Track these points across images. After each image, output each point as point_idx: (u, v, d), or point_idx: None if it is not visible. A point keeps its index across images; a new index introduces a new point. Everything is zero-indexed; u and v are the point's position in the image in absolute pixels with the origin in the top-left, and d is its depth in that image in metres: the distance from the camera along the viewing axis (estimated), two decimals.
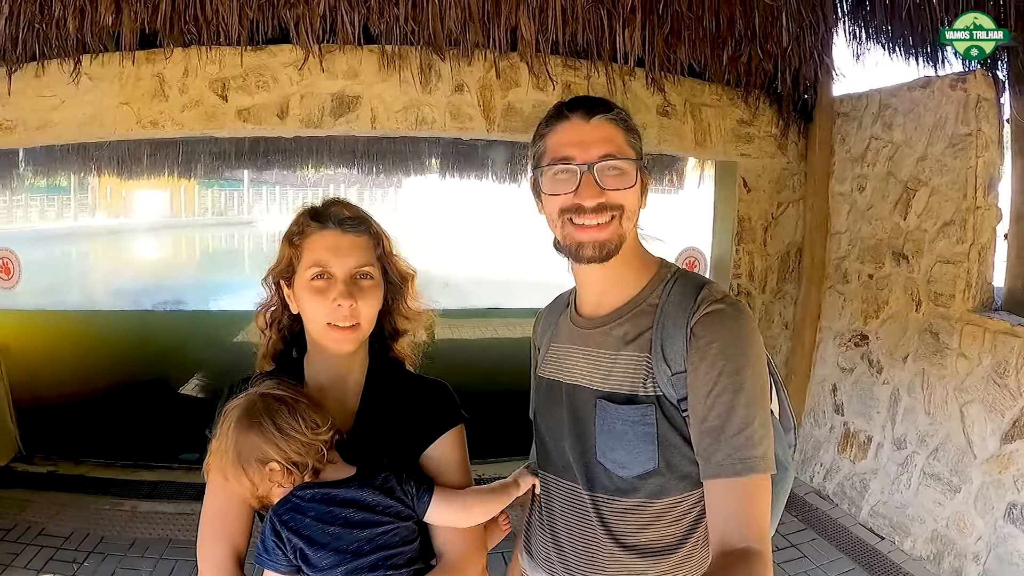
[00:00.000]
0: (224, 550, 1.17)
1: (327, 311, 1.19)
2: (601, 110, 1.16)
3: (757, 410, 1.06)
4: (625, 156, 1.14)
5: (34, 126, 3.55)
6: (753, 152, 4.25)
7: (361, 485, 1.14)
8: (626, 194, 1.14)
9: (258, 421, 1.11)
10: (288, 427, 1.10)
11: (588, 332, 1.22)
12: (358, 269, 1.22)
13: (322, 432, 1.12)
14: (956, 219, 3.25)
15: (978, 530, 3.01)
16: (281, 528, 1.10)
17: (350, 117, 3.74)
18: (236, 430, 1.11)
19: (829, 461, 4.01)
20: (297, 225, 1.25)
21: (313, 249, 1.22)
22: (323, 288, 1.19)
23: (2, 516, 3.47)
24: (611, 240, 1.14)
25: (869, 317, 3.82)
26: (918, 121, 3.47)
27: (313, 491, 1.11)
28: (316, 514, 1.10)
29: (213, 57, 3.56)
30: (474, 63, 3.77)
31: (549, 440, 1.28)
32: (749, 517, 1.03)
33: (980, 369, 3.09)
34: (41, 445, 4.25)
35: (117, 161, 6.54)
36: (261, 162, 7.08)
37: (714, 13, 3.84)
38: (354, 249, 1.22)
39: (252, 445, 1.10)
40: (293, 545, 1.09)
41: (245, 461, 1.10)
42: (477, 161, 7.40)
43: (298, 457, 1.10)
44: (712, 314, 1.10)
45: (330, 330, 1.20)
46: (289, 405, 1.13)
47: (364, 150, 7.11)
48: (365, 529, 1.11)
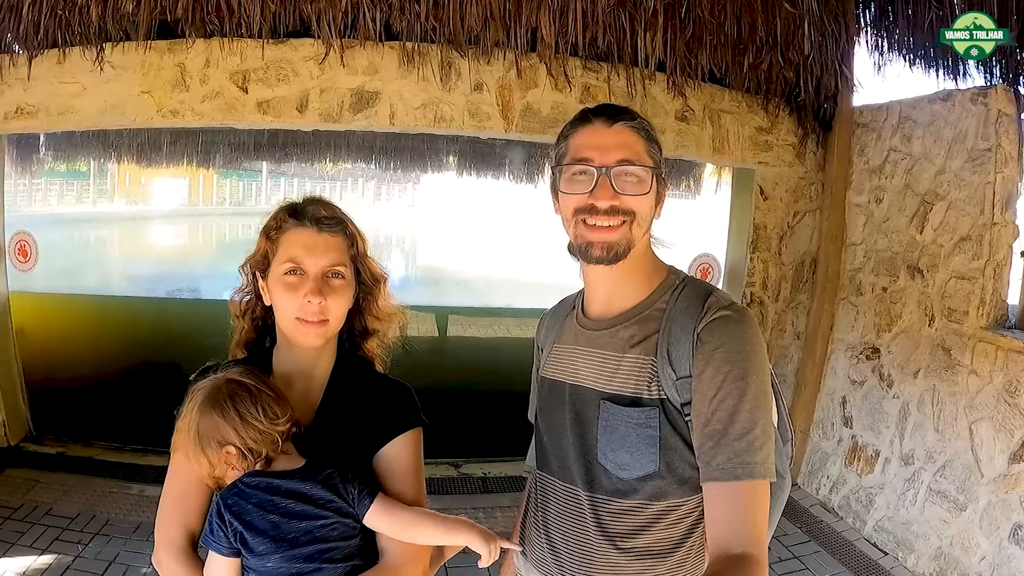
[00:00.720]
0: (178, 530, 1.21)
1: (297, 306, 1.22)
2: (624, 117, 1.18)
3: (760, 415, 1.07)
4: (642, 163, 1.16)
5: (55, 112, 3.60)
6: (771, 160, 4.24)
7: (305, 478, 1.16)
8: (640, 200, 1.15)
9: (220, 404, 1.15)
10: (248, 414, 1.14)
11: (594, 334, 1.23)
12: (330, 268, 1.25)
13: (280, 423, 1.16)
14: (972, 235, 3.21)
15: (982, 550, 2.97)
16: (225, 511, 1.13)
17: (369, 113, 3.77)
18: (199, 411, 1.15)
19: (836, 474, 3.98)
20: (275, 220, 1.29)
21: (288, 245, 1.25)
22: (295, 284, 1.23)
23: (10, 495, 3.51)
24: (620, 243, 1.15)
25: (882, 330, 3.79)
26: (937, 134, 3.44)
27: (258, 479, 1.15)
28: (258, 501, 1.13)
29: (234, 49, 3.60)
30: (493, 63, 3.79)
31: (549, 441, 1.29)
32: (747, 522, 1.04)
33: (991, 387, 3.05)
34: (52, 426, 4.30)
35: (136, 148, 6.59)
36: (279, 154, 7.12)
37: (736, 19, 3.83)
38: (328, 248, 1.25)
39: (212, 426, 1.14)
40: (234, 529, 1.12)
41: (204, 442, 1.14)
42: (494, 160, 7.40)
43: (254, 444, 1.14)
44: (719, 320, 1.11)
45: (299, 324, 1.23)
46: (252, 393, 1.16)
47: (382, 146, 7.13)
48: (304, 520, 1.13)
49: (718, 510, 1.06)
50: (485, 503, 3.95)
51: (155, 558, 1.24)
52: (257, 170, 19.17)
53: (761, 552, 1.03)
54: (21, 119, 3.62)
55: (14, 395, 4.17)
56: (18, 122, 3.65)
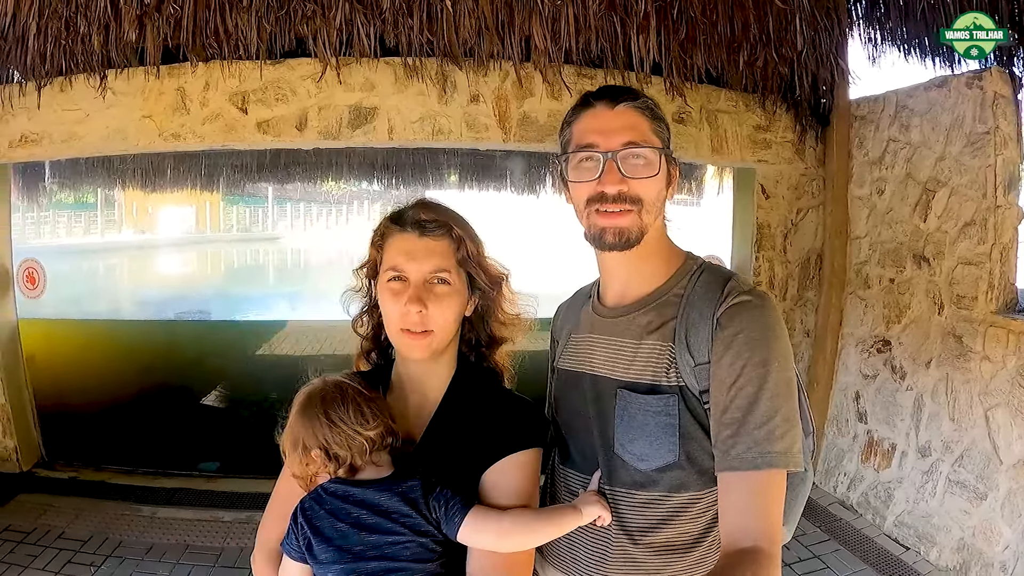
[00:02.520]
0: (275, 532, 1.19)
1: (399, 315, 1.18)
2: (626, 98, 1.16)
3: (781, 403, 1.04)
4: (649, 144, 1.13)
5: (59, 139, 3.67)
6: (770, 158, 4.22)
7: (381, 489, 1.11)
8: (647, 185, 1.13)
9: (312, 406, 1.13)
10: (337, 417, 1.11)
11: (611, 321, 1.21)
12: (434, 274, 1.19)
13: (369, 428, 1.11)
14: (977, 219, 3.18)
15: (1005, 538, 2.91)
16: (299, 515, 1.11)
17: (367, 128, 3.79)
18: (295, 411, 1.15)
19: (853, 470, 3.92)
20: (380, 227, 1.26)
21: (391, 252, 1.21)
22: (398, 291, 1.18)
23: (22, 519, 3.52)
24: (631, 228, 1.13)
25: (891, 322, 3.75)
26: (935, 121, 3.42)
27: (337, 486, 1.11)
28: (331, 508, 1.10)
29: (233, 71, 3.64)
30: (489, 73, 3.81)
31: (567, 434, 1.27)
32: (761, 514, 1.01)
33: (1005, 372, 3.01)
34: (63, 452, 4.32)
35: (141, 174, 6.69)
36: (282, 175, 7.20)
37: (728, 18, 3.83)
38: (430, 253, 1.19)
39: (302, 428, 1.12)
40: (304, 534, 1.10)
41: (294, 442, 1.13)
42: (495, 172, 7.44)
43: (339, 449, 1.10)
44: (739, 305, 1.08)
45: (403, 335, 1.19)
46: (347, 396, 1.13)
47: (384, 162, 7.17)
48: (374, 534, 1.08)
49: (732, 501, 1.03)
50: None
51: (252, 557, 1.24)
52: (263, 195, 19.33)
53: (772, 546, 1.00)
54: (26, 147, 3.69)
55: (25, 421, 4.19)
56: (23, 150, 3.71)
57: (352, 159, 6.94)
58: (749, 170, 4.32)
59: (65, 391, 4.40)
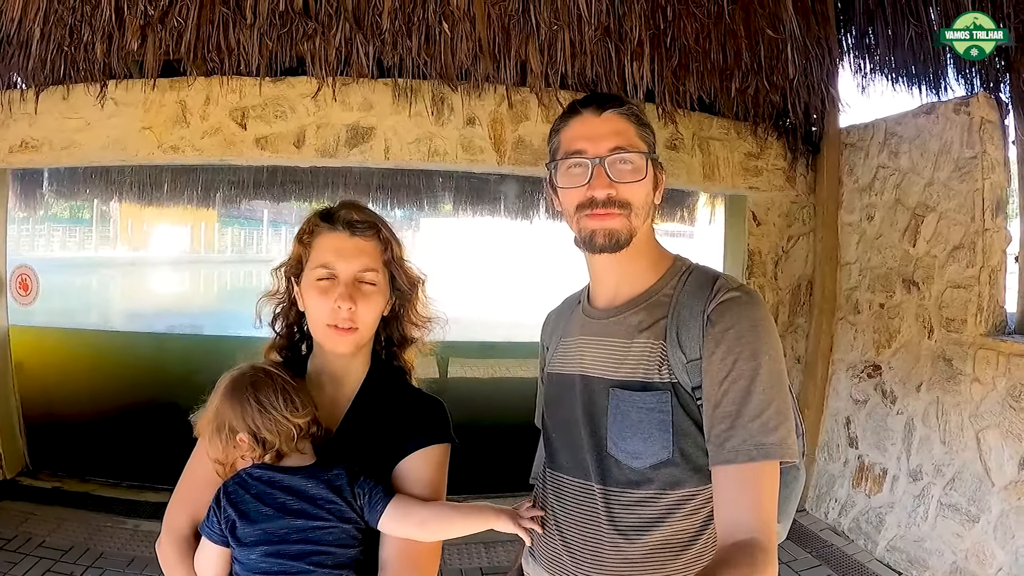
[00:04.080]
0: (184, 518, 1.21)
1: (328, 311, 1.21)
2: (612, 104, 1.18)
3: (774, 395, 1.05)
4: (636, 149, 1.16)
5: (59, 146, 3.68)
6: (762, 185, 4.27)
7: (307, 476, 1.14)
8: (635, 189, 1.15)
9: (241, 390, 1.15)
10: (267, 403, 1.13)
11: (602, 322, 1.22)
12: (362, 273, 1.23)
13: (299, 416, 1.14)
14: (965, 243, 3.23)
15: (998, 560, 2.90)
16: (223, 498, 1.12)
17: (364, 148, 3.82)
18: (221, 395, 1.16)
19: (844, 496, 3.90)
20: (308, 224, 1.28)
21: (320, 249, 1.24)
22: (326, 288, 1.21)
23: (4, 526, 3.47)
24: (621, 230, 1.15)
25: (881, 347, 3.77)
26: (924, 147, 3.49)
27: (262, 471, 1.14)
28: (257, 492, 1.12)
29: (234, 87, 3.68)
30: (485, 96, 3.86)
31: (556, 437, 1.27)
32: (756, 506, 1.01)
33: (995, 394, 3.02)
34: (48, 461, 4.26)
35: (138, 187, 6.67)
36: (278, 193, 7.18)
37: (721, 46, 3.93)
38: (360, 253, 1.24)
39: (230, 411, 1.14)
40: (227, 516, 1.11)
41: (220, 425, 1.14)
42: (489, 196, 7.47)
43: (268, 435, 1.13)
44: (729, 301, 1.10)
45: (329, 331, 1.22)
46: (275, 383, 1.16)
47: (379, 183, 7.17)
48: (299, 519, 1.11)
49: (727, 495, 1.03)
50: (485, 537, 3.86)
51: (158, 542, 1.23)
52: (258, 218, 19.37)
53: (768, 538, 1.00)
54: (26, 153, 3.70)
55: (11, 429, 4.15)
56: (23, 156, 3.72)
57: (348, 180, 6.94)
58: (740, 197, 4.36)
59: (52, 400, 4.35)
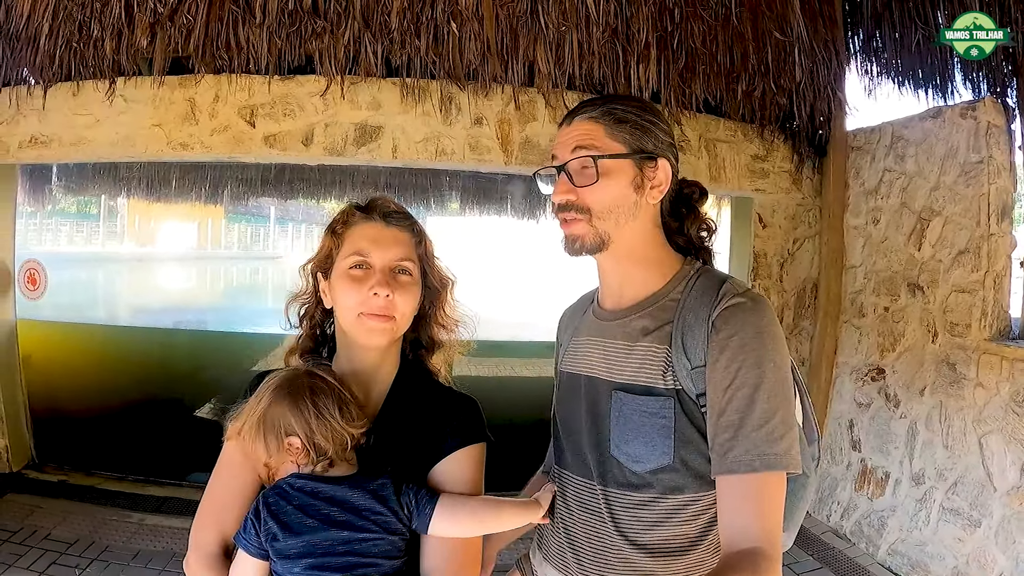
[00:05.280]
0: (213, 535, 1.14)
1: (361, 299, 1.16)
2: (587, 108, 1.18)
3: (778, 405, 1.03)
4: (594, 151, 1.13)
5: (69, 142, 3.71)
6: (768, 187, 4.27)
7: (352, 486, 1.11)
8: (593, 192, 1.13)
9: (298, 393, 1.11)
10: (326, 409, 1.10)
11: (607, 324, 1.22)
12: (398, 262, 1.20)
13: (354, 426, 1.11)
14: (970, 247, 3.22)
15: (1000, 566, 2.89)
16: (263, 510, 1.09)
17: (372, 147, 3.83)
18: (272, 395, 1.11)
19: (846, 499, 3.89)
20: (342, 215, 1.25)
21: (354, 238, 1.21)
22: (360, 277, 1.17)
23: (10, 519, 3.50)
24: (583, 236, 1.15)
25: (885, 351, 3.77)
26: (930, 151, 3.49)
27: (304, 482, 1.10)
28: (300, 503, 1.08)
29: (243, 84, 3.70)
30: (493, 96, 3.86)
31: (564, 435, 1.27)
32: (760, 516, 1.00)
33: (998, 399, 3.02)
34: (54, 455, 4.29)
35: (147, 183, 6.71)
36: (286, 191, 7.21)
37: (728, 48, 3.92)
38: (396, 242, 1.21)
39: (282, 414, 1.10)
40: (268, 529, 1.07)
41: (268, 427, 1.10)
42: (496, 196, 7.48)
43: (323, 441, 1.09)
44: (734, 308, 1.08)
45: (364, 319, 1.17)
46: (334, 391, 1.13)
47: (387, 182, 7.16)
48: (344, 530, 1.08)
49: (731, 504, 1.03)
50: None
51: (186, 562, 1.16)
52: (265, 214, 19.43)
53: (772, 547, 0.99)
54: (36, 148, 3.73)
55: (18, 422, 4.18)
56: (33, 151, 3.75)
57: (356, 178, 6.96)
58: (746, 199, 4.35)
59: (59, 394, 4.39)
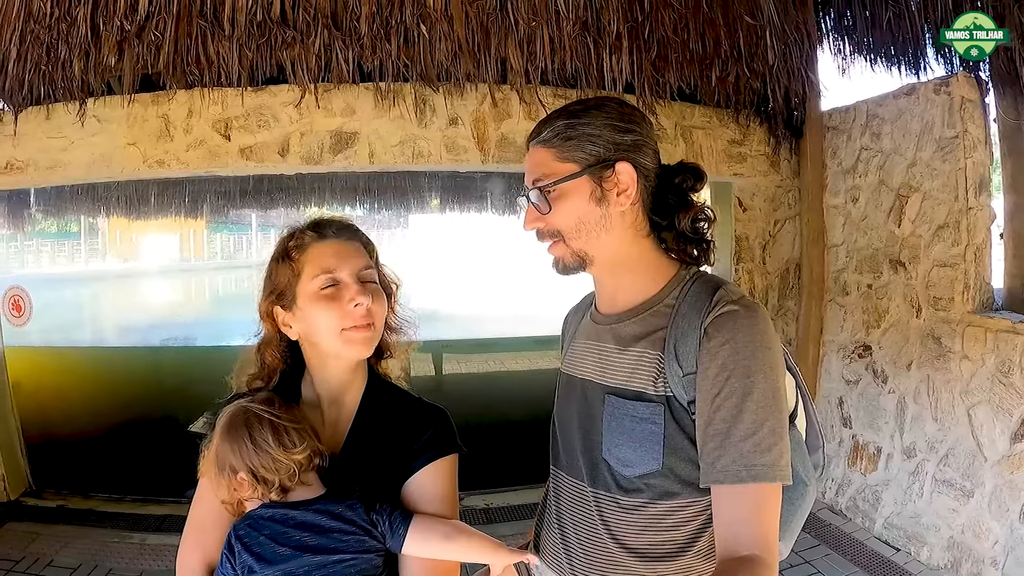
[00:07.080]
0: (197, 561, 1.17)
1: (342, 315, 1.16)
2: (534, 136, 1.19)
3: (767, 415, 1.02)
4: (551, 176, 1.14)
5: (44, 166, 3.66)
6: (746, 171, 4.29)
7: (321, 509, 1.11)
8: (556, 217, 1.15)
9: (236, 430, 1.12)
10: (263, 441, 1.11)
11: (602, 328, 1.22)
12: (363, 271, 1.21)
13: (297, 452, 1.12)
14: (950, 222, 3.26)
15: (994, 534, 2.95)
16: (236, 543, 1.10)
17: (348, 153, 3.82)
18: (219, 435, 1.14)
19: (840, 476, 3.95)
20: (295, 240, 1.23)
21: (316, 259, 1.20)
22: (334, 294, 1.18)
23: (11, 548, 3.47)
24: (564, 256, 1.16)
25: (871, 327, 3.81)
26: (905, 128, 3.52)
27: (273, 511, 1.11)
28: (271, 533, 1.09)
29: (216, 98, 3.67)
30: (467, 96, 3.85)
31: (560, 435, 1.28)
32: (753, 524, 1.00)
33: (984, 370, 3.07)
34: (51, 480, 4.27)
35: (125, 201, 6.67)
36: (265, 201, 7.17)
37: (699, 35, 3.93)
38: (357, 254, 1.23)
39: (226, 453, 1.12)
40: (243, 561, 1.08)
41: (220, 467, 1.12)
42: (475, 194, 7.48)
43: (266, 473, 1.10)
44: (726, 315, 1.07)
45: (348, 333, 1.17)
46: (270, 421, 1.13)
47: (366, 187, 7.16)
48: (318, 555, 1.08)
49: (724, 513, 1.03)
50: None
51: None
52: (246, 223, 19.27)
53: (768, 554, 0.99)
54: (11, 175, 3.68)
55: (12, 450, 4.15)
56: (9, 177, 3.70)
57: (335, 184, 6.94)
58: (726, 184, 4.37)
59: (52, 419, 4.36)
